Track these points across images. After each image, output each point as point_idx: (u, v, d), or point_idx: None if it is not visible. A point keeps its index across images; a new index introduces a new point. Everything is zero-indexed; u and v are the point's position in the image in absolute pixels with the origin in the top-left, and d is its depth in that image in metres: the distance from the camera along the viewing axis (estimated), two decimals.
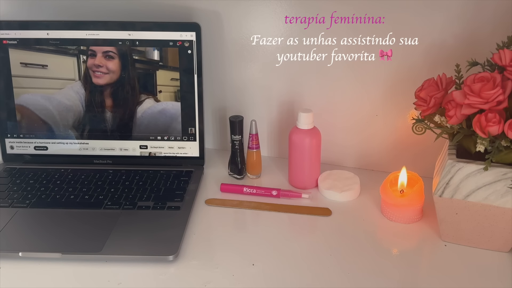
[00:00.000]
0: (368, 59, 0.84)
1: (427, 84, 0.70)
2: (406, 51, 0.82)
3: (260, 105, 0.95)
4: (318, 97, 0.91)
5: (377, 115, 0.88)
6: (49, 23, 0.87)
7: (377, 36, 0.82)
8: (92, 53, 0.88)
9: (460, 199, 0.66)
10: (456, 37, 0.78)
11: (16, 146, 0.93)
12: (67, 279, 0.66)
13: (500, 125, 0.60)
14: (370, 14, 0.81)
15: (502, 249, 0.70)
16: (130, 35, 0.87)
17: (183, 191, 0.84)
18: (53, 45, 0.88)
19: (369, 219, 0.79)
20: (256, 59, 0.91)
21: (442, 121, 0.68)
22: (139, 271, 0.67)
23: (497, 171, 0.63)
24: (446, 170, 0.65)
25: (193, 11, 0.90)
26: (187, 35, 0.87)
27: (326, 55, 0.86)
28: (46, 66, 0.89)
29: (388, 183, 0.78)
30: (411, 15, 0.79)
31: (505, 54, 0.62)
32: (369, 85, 0.87)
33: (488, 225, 0.67)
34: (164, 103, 0.90)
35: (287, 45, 0.88)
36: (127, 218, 0.77)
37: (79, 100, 0.90)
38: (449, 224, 0.70)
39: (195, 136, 0.91)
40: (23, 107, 0.91)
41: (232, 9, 0.88)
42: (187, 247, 0.71)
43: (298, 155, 0.86)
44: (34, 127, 0.92)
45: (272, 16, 0.87)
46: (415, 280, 0.66)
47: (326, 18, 0.83)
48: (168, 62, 0.88)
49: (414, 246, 0.73)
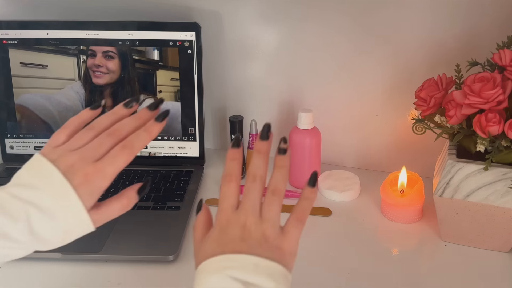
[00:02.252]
0: (368, 59, 0.84)
1: (427, 84, 0.70)
2: (406, 51, 0.82)
3: (260, 105, 0.95)
4: (318, 97, 0.91)
5: (377, 115, 0.88)
6: (49, 23, 0.87)
7: (378, 36, 0.82)
8: (92, 53, 0.88)
9: (460, 199, 0.66)
10: (456, 37, 0.78)
11: (16, 146, 0.93)
12: (67, 279, 0.66)
13: (500, 125, 0.60)
14: (371, 13, 0.81)
15: (502, 249, 0.70)
16: (130, 35, 0.87)
17: (183, 191, 0.84)
18: (53, 45, 0.88)
19: (369, 219, 0.79)
20: (256, 59, 0.91)
21: (442, 121, 0.68)
22: (139, 271, 0.67)
23: (497, 171, 0.63)
24: (446, 170, 0.65)
25: (193, 11, 0.90)
26: (187, 35, 0.87)
27: (327, 55, 0.86)
28: (46, 66, 0.89)
29: (388, 183, 0.78)
30: (411, 15, 0.79)
31: (505, 54, 0.62)
32: (369, 85, 0.87)
33: (488, 225, 0.67)
34: (164, 103, 0.90)
35: (287, 45, 0.88)
36: (127, 218, 0.76)
37: (79, 100, 0.90)
38: (449, 224, 0.70)
39: (195, 136, 0.91)
40: (23, 107, 0.91)
41: (232, 9, 0.88)
42: (187, 247, 0.71)
43: (298, 155, 0.85)
44: (34, 127, 0.92)
45: (272, 16, 0.87)
46: (415, 280, 0.66)
47: (326, 18, 0.83)
48: (168, 62, 0.88)
49: (414, 246, 0.73)
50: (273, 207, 0.46)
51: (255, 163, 0.47)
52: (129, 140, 0.47)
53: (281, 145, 0.48)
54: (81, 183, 0.45)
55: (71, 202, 0.45)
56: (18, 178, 0.46)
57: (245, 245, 0.43)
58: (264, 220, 0.45)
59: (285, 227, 0.46)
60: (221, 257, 0.42)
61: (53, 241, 0.46)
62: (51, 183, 0.45)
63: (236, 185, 0.46)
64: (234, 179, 0.47)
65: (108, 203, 0.48)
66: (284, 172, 0.47)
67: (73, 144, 0.47)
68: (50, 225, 0.44)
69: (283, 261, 0.43)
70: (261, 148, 0.48)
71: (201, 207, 0.50)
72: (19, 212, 0.44)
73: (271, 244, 0.44)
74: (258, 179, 0.46)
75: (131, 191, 0.49)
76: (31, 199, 0.44)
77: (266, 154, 0.48)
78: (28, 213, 0.44)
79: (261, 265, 0.42)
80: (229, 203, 0.46)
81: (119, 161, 0.46)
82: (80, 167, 0.45)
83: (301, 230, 0.46)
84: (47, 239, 0.45)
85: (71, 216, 0.45)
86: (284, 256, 0.44)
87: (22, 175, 0.46)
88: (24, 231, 0.44)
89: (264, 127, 0.49)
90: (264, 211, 0.45)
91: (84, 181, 0.45)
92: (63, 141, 0.48)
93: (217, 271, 0.42)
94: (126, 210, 0.49)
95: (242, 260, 0.42)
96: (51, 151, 0.47)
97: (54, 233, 0.45)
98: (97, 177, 0.45)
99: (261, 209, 0.45)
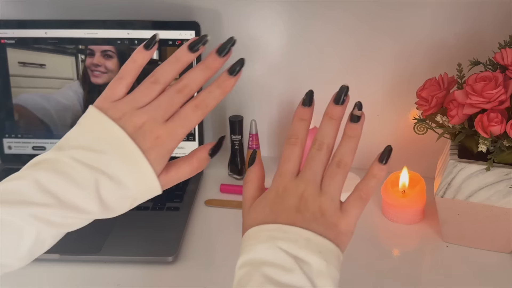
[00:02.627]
0: (369, 59, 0.84)
1: (429, 83, 0.70)
2: (407, 51, 0.81)
3: (260, 105, 0.95)
4: (318, 97, 0.90)
5: (378, 115, 0.88)
6: (47, 22, 0.87)
7: (379, 35, 0.82)
8: (91, 52, 0.87)
9: (462, 199, 0.65)
10: (458, 36, 0.78)
11: (14, 146, 0.93)
12: (66, 280, 0.65)
13: (502, 125, 0.60)
14: (371, 13, 0.80)
15: (504, 250, 0.69)
16: (128, 34, 0.86)
17: (183, 192, 0.84)
18: (51, 44, 0.87)
19: (370, 219, 0.78)
20: (256, 58, 0.91)
21: (444, 121, 0.67)
22: (138, 272, 0.66)
23: (499, 171, 0.62)
24: (448, 170, 0.65)
25: (193, 10, 0.89)
26: (187, 34, 0.86)
27: (327, 55, 0.86)
28: (44, 66, 0.88)
29: (389, 184, 0.78)
30: (412, 14, 0.79)
31: (507, 53, 0.61)
32: (370, 84, 0.86)
33: (490, 225, 0.67)
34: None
35: (288, 45, 0.88)
36: (126, 218, 0.75)
37: (77, 99, 0.90)
38: (451, 224, 0.70)
39: (194, 136, 0.91)
40: (21, 107, 0.90)
41: (232, 8, 0.88)
42: (187, 248, 0.71)
43: None
44: (32, 127, 0.91)
45: (273, 15, 0.86)
46: (416, 281, 0.65)
47: (327, 17, 0.83)
48: None
49: (415, 247, 0.73)
50: (335, 180, 0.42)
51: (324, 129, 0.44)
52: (202, 98, 0.43)
53: (355, 111, 0.44)
54: (152, 146, 0.41)
55: (142, 168, 0.40)
56: (76, 139, 0.41)
57: (299, 217, 0.40)
58: (324, 192, 0.42)
59: (344, 204, 0.42)
60: (273, 226, 0.40)
61: (120, 209, 0.42)
62: (119, 146, 0.40)
63: (300, 149, 0.43)
64: (299, 143, 0.43)
65: (177, 165, 0.44)
66: (353, 143, 0.44)
67: (138, 99, 0.42)
68: (120, 194, 0.41)
69: (337, 240, 0.40)
70: (333, 113, 0.44)
71: (255, 159, 0.46)
72: (88, 179, 0.39)
73: (327, 220, 0.40)
74: (324, 148, 0.43)
75: (203, 152, 0.45)
76: (98, 165, 0.40)
77: (338, 121, 0.44)
78: (97, 180, 0.40)
79: (313, 241, 0.39)
80: (289, 168, 0.43)
81: (191, 121, 0.42)
82: (151, 129, 0.41)
83: (361, 210, 0.43)
84: (114, 207, 0.42)
85: (141, 183, 0.41)
86: (339, 235, 0.41)
87: (82, 136, 0.41)
88: (93, 201, 0.40)
89: (341, 89, 0.44)
90: (325, 184, 0.42)
91: (154, 144, 0.41)
92: (123, 93, 0.43)
93: (268, 240, 0.39)
94: (196, 172, 0.45)
95: (295, 233, 0.39)
96: (112, 107, 0.42)
97: (122, 201, 0.42)
98: (169, 139, 0.41)
99: (322, 181, 0.42)
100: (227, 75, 0.44)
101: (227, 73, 0.44)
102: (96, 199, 0.40)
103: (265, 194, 0.43)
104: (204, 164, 0.45)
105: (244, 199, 0.44)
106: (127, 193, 0.41)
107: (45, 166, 0.41)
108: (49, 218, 0.40)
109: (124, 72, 0.44)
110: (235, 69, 0.44)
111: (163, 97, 0.43)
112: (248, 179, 0.45)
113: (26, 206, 0.39)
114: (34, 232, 0.40)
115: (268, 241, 0.39)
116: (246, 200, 0.44)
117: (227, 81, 0.44)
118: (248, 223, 0.42)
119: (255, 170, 0.46)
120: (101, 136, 0.40)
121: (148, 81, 0.44)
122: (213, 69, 0.44)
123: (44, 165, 0.41)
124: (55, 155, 0.41)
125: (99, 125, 0.41)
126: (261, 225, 0.40)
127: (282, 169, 0.43)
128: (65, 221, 0.41)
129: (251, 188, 0.44)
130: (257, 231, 0.40)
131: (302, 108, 0.45)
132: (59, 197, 0.40)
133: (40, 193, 0.39)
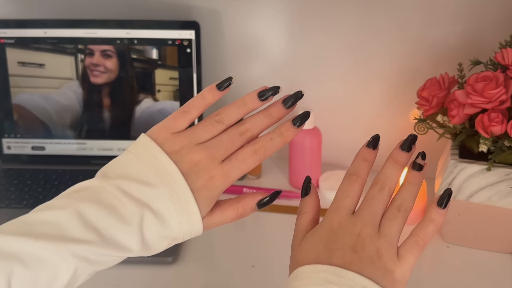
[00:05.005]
0: (369, 59, 0.84)
1: (430, 83, 0.70)
2: (408, 50, 0.81)
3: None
4: (319, 96, 0.90)
5: (379, 114, 0.88)
6: (46, 22, 0.87)
7: (379, 35, 0.81)
8: (90, 52, 0.87)
9: (463, 200, 0.65)
10: (458, 36, 0.77)
11: (13, 146, 0.92)
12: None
13: (503, 125, 0.60)
14: (372, 13, 0.80)
15: (505, 251, 0.69)
16: (128, 33, 0.86)
17: None
18: (50, 44, 0.87)
19: None
20: (256, 58, 0.90)
21: (445, 120, 0.67)
22: (137, 273, 0.66)
23: (500, 171, 0.62)
24: (449, 170, 0.65)
25: (192, 10, 0.89)
26: (186, 33, 0.86)
27: (327, 54, 0.86)
28: (44, 65, 0.88)
29: None
30: (413, 14, 0.78)
31: (508, 53, 0.61)
32: (371, 84, 0.86)
33: (491, 226, 0.67)
34: (163, 103, 0.89)
35: (288, 44, 0.87)
36: None
37: (76, 99, 0.89)
38: (451, 225, 0.70)
39: None
40: (20, 107, 0.90)
41: (232, 8, 0.88)
42: (186, 249, 0.71)
43: (298, 156, 0.85)
44: (32, 127, 0.91)
45: (273, 15, 0.86)
46: (417, 282, 0.65)
47: (327, 17, 0.83)
48: (167, 61, 0.87)
49: None
50: (395, 224, 0.40)
51: (388, 171, 0.42)
52: (262, 144, 0.42)
53: (418, 160, 0.43)
54: (204, 186, 0.39)
55: (189, 208, 0.38)
56: (124, 167, 0.39)
57: (356, 258, 0.38)
58: (382, 235, 0.39)
59: (400, 249, 0.40)
60: (329, 268, 0.37)
61: (158, 248, 0.39)
62: (169, 181, 0.38)
63: (359, 188, 0.41)
64: (360, 181, 0.41)
65: (222, 208, 0.42)
66: (414, 190, 0.42)
67: (200, 135, 0.41)
68: (162, 233, 0.38)
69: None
70: (399, 158, 0.43)
71: (310, 188, 0.44)
72: (133, 214, 0.37)
73: (383, 265, 0.38)
74: (386, 190, 0.41)
75: (251, 200, 0.43)
76: (145, 199, 0.37)
77: (402, 167, 0.43)
78: (142, 216, 0.37)
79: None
80: (346, 204, 0.41)
81: (248, 166, 0.41)
82: (207, 167, 0.39)
83: (417, 257, 0.40)
84: (154, 246, 0.39)
85: (185, 223, 0.39)
86: (394, 282, 0.38)
87: (130, 165, 0.39)
88: (135, 238, 0.37)
89: (409, 137, 0.44)
90: (383, 226, 0.40)
91: (207, 184, 0.39)
92: (184, 127, 0.41)
93: (322, 284, 0.36)
94: (239, 219, 0.43)
95: (351, 279, 0.36)
96: (171, 138, 0.40)
97: (162, 241, 0.39)
98: (222, 180, 0.40)
99: (381, 223, 0.40)
100: (291, 125, 0.43)
101: (291, 123, 0.43)
102: (139, 236, 0.38)
103: (318, 228, 0.41)
104: (248, 213, 0.43)
105: (297, 230, 0.43)
106: (169, 232, 0.39)
107: (88, 195, 0.38)
108: (89, 256, 0.37)
109: (191, 106, 0.43)
110: (299, 120, 0.44)
111: (224, 136, 0.41)
112: (304, 210, 0.43)
113: (67, 243, 0.36)
114: (72, 271, 0.37)
115: (323, 284, 0.36)
116: (299, 232, 0.42)
117: (289, 131, 0.43)
118: (299, 258, 0.40)
119: (312, 201, 0.44)
120: (151, 167, 0.38)
121: (212, 119, 0.43)
122: (276, 118, 0.43)
123: (87, 193, 0.38)
124: (99, 183, 0.39)
125: (150, 155, 0.39)
126: (315, 265, 0.38)
127: (339, 204, 0.41)
128: (103, 259, 0.38)
129: (305, 220, 0.42)
130: (310, 272, 0.38)
131: (367, 149, 0.44)
132: (102, 234, 0.37)
133: (82, 229, 0.37)
